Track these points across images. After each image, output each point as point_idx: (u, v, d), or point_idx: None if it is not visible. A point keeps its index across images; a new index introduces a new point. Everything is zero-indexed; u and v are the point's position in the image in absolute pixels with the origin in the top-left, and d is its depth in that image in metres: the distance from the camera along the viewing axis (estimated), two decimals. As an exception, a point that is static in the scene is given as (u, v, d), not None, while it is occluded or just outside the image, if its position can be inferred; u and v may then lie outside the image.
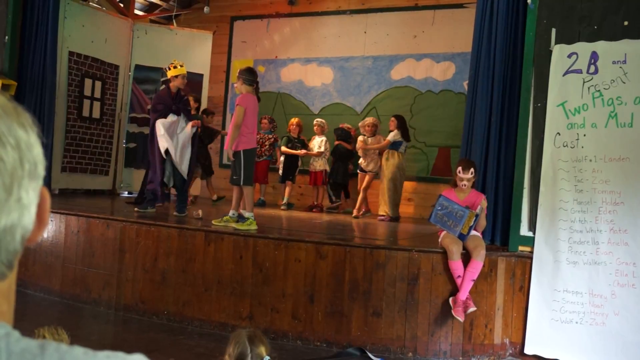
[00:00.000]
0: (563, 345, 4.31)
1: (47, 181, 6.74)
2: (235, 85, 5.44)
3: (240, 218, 5.26)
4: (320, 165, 8.32)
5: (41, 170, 0.66)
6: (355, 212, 7.49)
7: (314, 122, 8.49)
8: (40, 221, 0.67)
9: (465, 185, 4.52)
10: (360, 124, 7.90)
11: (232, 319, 4.70)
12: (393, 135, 7.29)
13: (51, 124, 7.11)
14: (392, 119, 7.56)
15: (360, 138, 7.75)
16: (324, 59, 9.12)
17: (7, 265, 0.64)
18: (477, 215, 4.39)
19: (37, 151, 0.66)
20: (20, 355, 0.57)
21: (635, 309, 4.15)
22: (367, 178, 7.63)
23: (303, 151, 8.27)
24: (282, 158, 8.39)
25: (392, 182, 7.23)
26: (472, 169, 4.51)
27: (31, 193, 0.65)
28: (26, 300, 5.10)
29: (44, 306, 5.12)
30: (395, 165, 7.24)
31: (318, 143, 8.37)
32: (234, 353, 1.96)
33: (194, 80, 8.48)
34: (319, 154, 8.29)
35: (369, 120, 7.80)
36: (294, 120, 8.46)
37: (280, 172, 8.39)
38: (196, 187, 8.08)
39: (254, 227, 5.06)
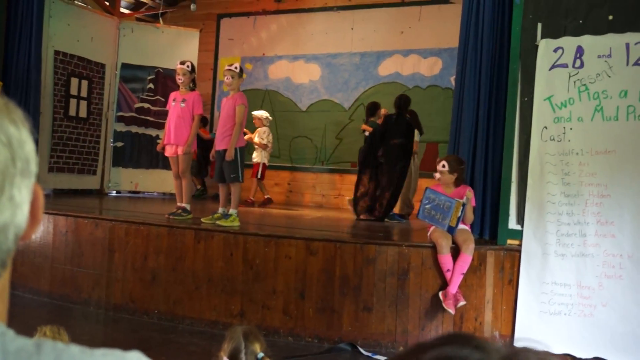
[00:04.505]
0: (552, 337, 4.35)
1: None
2: (229, 80, 5.38)
3: (225, 215, 5.27)
4: (256, 157, 8.06)
5: (34, 168, 0.66)
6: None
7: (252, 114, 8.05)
8: (33, 219, 0.66)
9: (437, 177, 4.61)
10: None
11: (223, 316, 4.70)
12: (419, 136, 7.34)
13: (37, 124, 7.05)
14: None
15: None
16: (311, 55, 9.12)
17: (0, 265, 0.64)
18: (463, 205, 4.41)
19: (29, 148, 0.65)
20: (16, 354, 0.57)
21: (623, 300, 4.20)
22: None
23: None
24: None
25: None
26: (443, 162, 4.58)
27: (24, 191, 0.64)
28: (14, 302, 5.04)
29: (33, 307, 5.09)
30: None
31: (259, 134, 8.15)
32: (228, 348, 1.96)
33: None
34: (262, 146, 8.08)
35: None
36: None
37: None
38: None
39: (236, 223, 5.11)
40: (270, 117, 8.30)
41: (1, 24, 6.70)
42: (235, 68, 5.41)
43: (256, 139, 8.06)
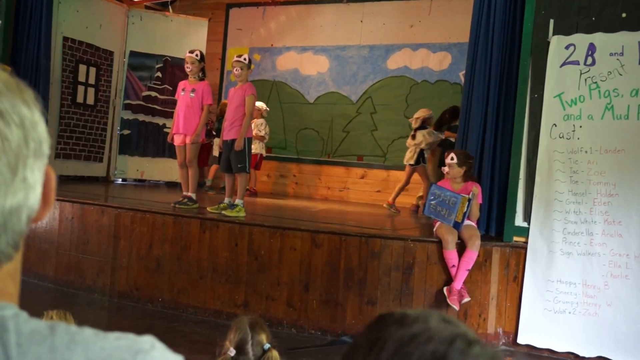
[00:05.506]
0: (556, 335, 4.34)
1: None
2: (238, 72, 5.39)
3: (230, 205, 5.27)
4: (255, 148, 7.81)
5: (46, 149, 0.65)
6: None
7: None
8: (45, 201, 0.66)
9: (446, 171, 4.62)
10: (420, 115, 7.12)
11: (227, 306, 4.70)
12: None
13: (45, 110, 7.05)
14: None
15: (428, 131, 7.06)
16: (319, 47, 9.07)
17: (13, 246, 0.63)
18: (469, 200, 4.39)
19: (42, 129, 0.65)
20: (30, 336, 0.56)
21: (628, 300, 4.18)
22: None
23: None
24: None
25: None
26: (452, 154, 4.59)
27: (36, 172, 0.63)
28: (20, 287, 5.08)
29: (38, 292, 5.11)
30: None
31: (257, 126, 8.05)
32: (234, 339, 1.96)
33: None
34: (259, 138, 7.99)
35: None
36: None
37: None
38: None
39: (242, 214, 5.12)
40: (267, 109, 8.28)
41: (11, 9, 6.70)
42: (244, 59, 5.40)
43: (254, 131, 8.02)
